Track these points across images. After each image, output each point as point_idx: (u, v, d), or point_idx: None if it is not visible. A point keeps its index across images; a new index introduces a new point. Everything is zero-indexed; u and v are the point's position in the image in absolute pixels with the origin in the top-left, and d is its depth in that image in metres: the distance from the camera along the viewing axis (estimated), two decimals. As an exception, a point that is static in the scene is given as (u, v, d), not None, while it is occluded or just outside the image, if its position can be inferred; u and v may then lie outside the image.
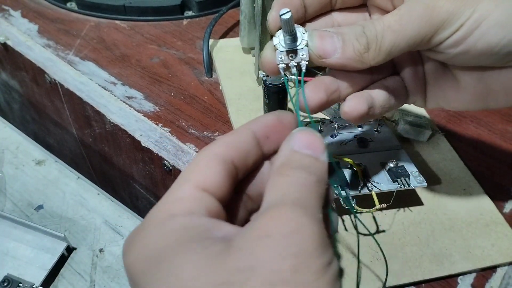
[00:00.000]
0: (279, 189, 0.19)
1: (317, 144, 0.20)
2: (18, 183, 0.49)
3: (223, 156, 0.20)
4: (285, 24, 0.23)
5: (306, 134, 0.20)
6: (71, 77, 0.48)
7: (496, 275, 0.33)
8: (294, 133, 0.21)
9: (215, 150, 0.20)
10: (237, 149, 0.21)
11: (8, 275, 0.40)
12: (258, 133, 0.21)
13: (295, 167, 0.19)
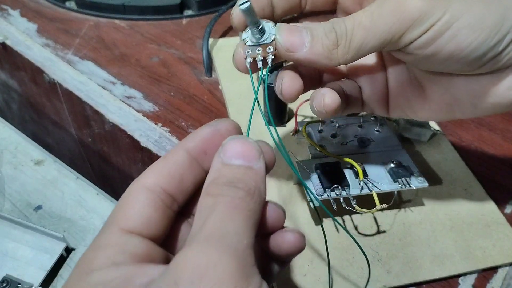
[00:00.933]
0: (200, 217, 0.17)
1: (249, 151, 0.19)
2: (17, 183, 0.49)
3: (152, 187, 0.19)
4: (246, 14, 0.23)
5: (237, 142, 0.19)
6: (70, 76, 0.48)
7: (497, 275, 0.33)
8: (225, 143, 0.20)
9: (144, 182, 0.19)
10: (169, 176, 0.19)
11: (7, 276, 0.39)
12: (194, 151, 0.20)
13: (222, 184, 0.18)
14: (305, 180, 0.33)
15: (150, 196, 0.19)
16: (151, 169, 0.20)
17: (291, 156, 0.38)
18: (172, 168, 0.20)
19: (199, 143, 0.21)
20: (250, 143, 0.19)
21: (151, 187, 0.19)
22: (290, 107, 0.42)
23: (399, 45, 0.23)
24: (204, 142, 0.21)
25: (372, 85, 0.28)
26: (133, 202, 0.19)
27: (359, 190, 0.32)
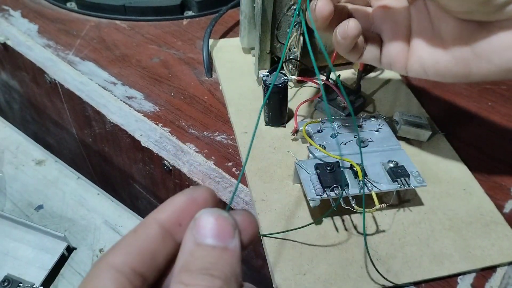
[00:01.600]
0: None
1: (224, 228, 0.18)
2: (18, 183, 0.49)
3: (120, 267, 0.17)
4: None
5: (210, 217, 0.18)
6: (71, 77, 0.48)
7: (496, 275, 0.33)
8: (197, 218, 0.18)
9: (111, 260, 0.17)
10: (139, 253, 0.18)
11: (8, 275, 0.40)
12: (167, 224, 0.18)
13: (196, 272, 0.17)
14: (305, 180, 0.33)
15: (117, 279, 0.17)
16: (120, 246, 0.18)
17: (291, 156, 0.39)
18: (143, 245, 0.18)
19: (173, 215, 0.19)
20: (224, 218, 0.18)
21: (119, 267, 0.17)
22: (290, 107, 0.42)
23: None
24: (179, 213, 0.19)
25: (394, 31, 0.29)
26: (97, 285, 0.17)
27: (358, 190, 0.32)
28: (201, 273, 0.17)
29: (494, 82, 0.49)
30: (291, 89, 0.46)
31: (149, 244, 0.18)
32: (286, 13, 0.41)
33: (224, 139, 0.42)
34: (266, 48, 0.43)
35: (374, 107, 0.44)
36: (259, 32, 0.41)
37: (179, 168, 0.39)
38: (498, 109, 0.46)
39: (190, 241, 0.18)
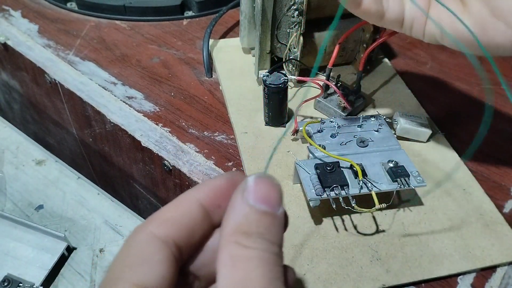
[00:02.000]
0: (237, 271, 0.16)
1: (274, 196, 0.18)
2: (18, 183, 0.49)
3: (165, 238, 0.17)
4: None
5: (263, 183, 0.18)
6: (71, 77, 0.48)
7: (496, 275, 0.33)
8: (249, 182, 0.18)
9: (155, 230, 0.17)
10: (180, 227, 0.18)
11: (8, 275, 0.40)
12: (207, 203, 0.19)
13: (254, 234, 0.17)
14: (305, 180, 0.33)
15: (164, 250, 0.17)
16: (162, 218, 0.18)
17: (291, 156, 0.39)
18: (185, 221, 0.18)
19: (213, 196, 0.19)
20: (275, 186, 0.18)
21: (164, 239, 0.17)
22: (290, 108, 0.42)
23: None
24: (219, 195, 0.19)
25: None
26: (144, 254, 0.17)
27: (358, 189, 0.32)
28: (259, 237, 0.17)
29: (494, 82, 0.49)
30: (291, 89, 0.46)
31: (190, 221, 0.18)
32: (286, 13, 0.41)
33: (224, 139, 0.42)
34: (266, 48, 0.43)
35: (374, 107, 0.44)
36: (259, 32, 0.42)
37: (179, 168, 0.39)
38: (498, 109, 0.46)
39: (242, 204, 0.17)
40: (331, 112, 0.42)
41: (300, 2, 0.39)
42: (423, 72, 0.50)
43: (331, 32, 0.40)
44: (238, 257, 0.16)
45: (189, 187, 0.40)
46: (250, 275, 0.16)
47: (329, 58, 0.39)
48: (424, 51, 0.53)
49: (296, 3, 0.39)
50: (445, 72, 0.50)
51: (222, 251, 0.17)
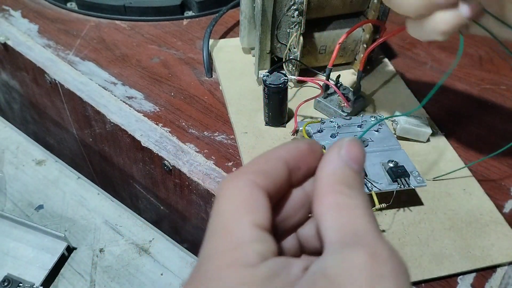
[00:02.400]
0: (343, 216, 0.18)
1: (363, 158, 0.20)
2: (18, 183, 0.49)
3: (266, 188, 0.19)
4: None
5: (357, 146, 0.20)
6: (71, 77, 0.48)
7: (496, 275, 0.33)
8: (346, 142, 0.20)
9: (257, 181, 0.19)
10: (273, 180, 0.19)
11: (8, 275, 0.40)
12: (291, 164, 0.20)
13: (355, 188, 0.18)
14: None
15: (266, 195, 0.19)
16: (257, 169, 0.19)
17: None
18: (275, 174, 0.19)
19: (297, 157, 0.20)
20: (363, 149, 0.20)
21: (265, 187, 0.19)
22: (290, 107, 0.42)
23: None
24: (300, 157, 0.20)
25: None
26: (254, 198, 0.18)
27: (358, 189, 0.32)
28: (359, 192, 0.18)
29: (494, 82, 0.49)
30: (291, 89, 0.46)
31: (278, 177, 0.19)
32: (286, 13, 0.41)
33: (224, 139, 0.42)
34: (266, 48, 0.43)
35: (374, 107, 0.44)
36: (259, 32, 0.42)
37: (179, 168, 0.39)
38: (498, 109, 0.46)
39: (338, 159, 0.19)
40: (331, 112, 0.42)
41: (300, 2, 0.39)
42: (423, 72, 0.50)
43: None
44: (343, 205, 0.18)
45: (189, 187, 0.40)
46: (356, 221, 0.17)
47: (329, 58, 0.39)
48: (424, 51, 0.53)
49: (296, 3, 0.39)
50: (445, 72, 0.51)
51: (324, 197, 0.18)
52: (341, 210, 0.18)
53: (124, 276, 0.45)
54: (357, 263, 0.16)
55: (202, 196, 0.40)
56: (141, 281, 0.47)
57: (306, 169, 0.20)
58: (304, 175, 0.21)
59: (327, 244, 0.17)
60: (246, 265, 0.17)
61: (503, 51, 0.54)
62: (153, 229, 0.53)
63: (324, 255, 0.17)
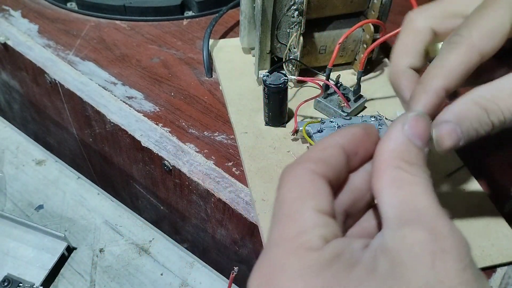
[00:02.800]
0: (403, 192, 0.18)
1: (427, 134, 0.19)
2: (18, 183, 0.49)
3: (326, 176, 0.19)
4: None
5: (421, 121, 0.19)
6: (71, 77, 0.48)
7: (496, 275, 0.33)
8: (411, 116, 0.20)
9: (316, 169, 0.19)
10: (332, 168, 0.20)
11: (8, 275, 0.40)
12: (348, 149, 0.20)
13: (415, 165, 0.18)
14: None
15: (327, 183, 0.19)
16: (317, 158, 0.19)
17: (291, 156, 0.39)
18: (334, 161, 0.20)
19: (353, 143, 0.20)
20: (429, 127, 0.20)
21: (325, 176, 0.19)
22: (290, 107, 0.42)
23: None
24: (357, 143, 0.20)
25: None
26: (316, 186, 0.19)
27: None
28: (420, 168, 0.18)
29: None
30: (291, 89, 0.46)
31: (337, 162, 0.20)
32: (286, 13, 0.41)
33: (224, 139, 0.42)
34: (266, 48, 0.43)
35: (374, 107, 0.44)
36: (259, 32, 0.42)
37: (179, 168, 0.39)
38: None
39: (402, 135, 0.19)
40: (331, 112, 0.42)
41: (300, 2, 0.39)
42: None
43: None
44: (403, 181, 0.18)
45: (189, 187, 0.40)
46: (417, 198, 0.17)
47: (329, 58, 0.39)
48: (424, 51, 0.53)
49: (296, 3, 0.39)
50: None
51: (383, 173, 0.18)
52: (401, 186, 0.18)
53: (124, 276, 0.45)
54: (418, 239, 0.16)
55: (202, 196, 0.40)
56: (141, 281, 0.47)
57: (363, 153, 0.21)
58: (362, 159, 0.21)
59: (386, 220, 0.18)
60: (311, 249, 0.17)
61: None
62: (153, 229, 0.53)
63: (383, 230, 0.18)
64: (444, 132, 0.23)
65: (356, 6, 0.43)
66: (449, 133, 0.23)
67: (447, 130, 0.23)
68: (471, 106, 0.23)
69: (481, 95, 0.23)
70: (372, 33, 0.43)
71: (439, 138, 0.23)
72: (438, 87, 0.23)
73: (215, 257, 0.49)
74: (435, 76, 0.23)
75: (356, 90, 0.42)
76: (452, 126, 0.23)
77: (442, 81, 0.23)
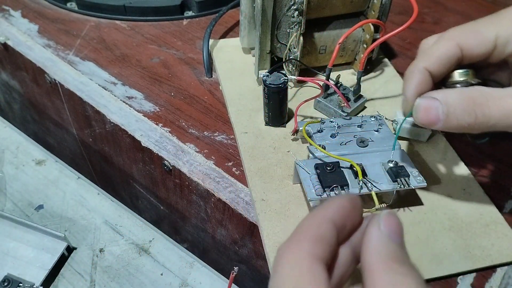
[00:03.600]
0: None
1: (401, 230, 0.20)
2: (18, 183, 0.49)
3: (323, 258, 0.19)
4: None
5: (393, 219, 0.20)
6: (71, 77, 0.48)
7: (496, 275, 0.33)
8: (383, 216, 0.20)
9: (314, 251, 0.19)
10: (328, 247, 0.20)
11: (8, 275, 0.40)
12: (338, 224, 0.20)
13: (405, 263, 0.19)
14: (305, 180, 0.33)
15: (325, 267, 0.19)
16: (312, 238, 0.19)
17: (291, 156, 0.39)
18: (327, 238, 0.20)
19: (342, 216, 0.21)
20: (400, 221, 0.20)
21: (322, 258, 0.19)
22: (290, 107, 0.42)
23: None
24: (346, 216, 0.21)
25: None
26: (313, 274, 0.18)
27: (358, 189, 0.32)
28: (410, 265, 0.19)
29: (494, 82, 0.49)
30: (291, 89, 0.46)
31: (330, 239, 0.20)
32: (286, 13, 0.41)
33: (224, 139, 0.42)
34: (266, 48, 0.43)
35: (374, 107, 0.44)
36: (259, 32, 0.42)
37: (179, 168, 0.39)
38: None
39: (381, 235, 0.19)
40: (331, 112, 0.42)
41: (300, 2, 0.39)
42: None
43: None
44: (399, 283, 0.18)
45: (189, 187, 0.40)
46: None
47: (329, 58, 0.39)
48: (424, 51, 0.53)
49: (296, 3, 0.39)
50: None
51: (377, 277, 0.18)
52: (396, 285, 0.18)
53: (124, 276, 0.45)
54: None
55: (202, 196, 0.40)
56: (141, 281, 0.47)
57: (350, 226, 0.21)
58: (349, 233, 0.21)
59: None
60: None
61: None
62: (153, 229, 0.53)
63: None
64: (423, 105, 0.26)
65: (356, 6, 0.43)
66: (428, 107, 0.26)
67: (427, 103, 0.26)
68: (461, 94, 0.26)
69: (475, 89, 0.26)
70: (372, 33, 0.43)
71: (416, 108, 0.26)
72: (421, 67, 0.28)
73: (215, 257, 0.49)
74: (419, 60, 0.28)
75: (356, 90, 0.42)
76: (434, 102, 0.26)
77: (423, 62, 0.28)
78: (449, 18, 0.59)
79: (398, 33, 0.35)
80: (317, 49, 0.45)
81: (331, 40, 0.44)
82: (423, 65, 0.28)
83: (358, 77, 0.41)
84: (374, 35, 0.43)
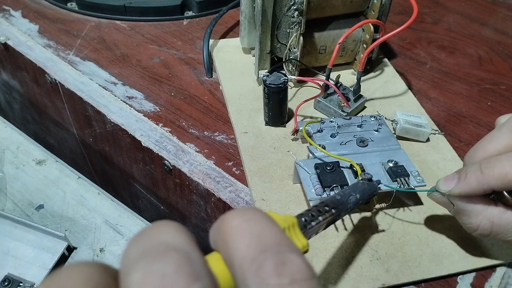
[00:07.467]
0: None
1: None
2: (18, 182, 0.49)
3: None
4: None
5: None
6: (72, 77, 0.48)
7: (496, 274, 0.33)
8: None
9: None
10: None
11: (8, 275, 0.40)
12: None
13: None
14: (305, 180, 0.33)
15: None
16: None
17: (291, 156, 0.39)
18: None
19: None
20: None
21: None
22: (290, 107, 0.42)
23: None
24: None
25: None
26: None
27: (358, 189, 0.32)
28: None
29: (493, 82, 0.50)
30: (291, 89, 0.46)
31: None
32: (286, 13, 0.41)
33: (224, 139, 0.42)
34: (266, 48, 0.43)
35: (374, 107, 0.44)
36: (259, 32, 0.42)
37: (179, 168, 0.40)
38: (498, 109, 0.46)
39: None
40: (331, 112, 0.42)
41: (300, 2, 0.39)
42: (423, 72, 0.50)
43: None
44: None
45: (189, 187, 0.40)
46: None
47: (329, 58, 0.39)
48: (423, 51, 0.53)
49: (296, 3, 0.39)
50: (445, 72, 0.51)
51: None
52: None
53: (124, 276, 0.45)
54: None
55: (202, 196, 0.40)
56: (141, 280, 0.47)
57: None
58: None
59: None
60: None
61: (502, 51, 0.54)
62: (153, 229, 0.53)
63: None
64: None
65: (356, 6, 0.43)
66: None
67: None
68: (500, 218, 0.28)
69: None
70: (372, 33, 0.43)
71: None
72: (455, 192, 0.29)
73: (215, 257, 0.49)
74: (485, 175, 0.28)
75: (356, 90, 0.42)
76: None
77: (458, 190, 0.29)
78: (449, 18, 0.59)
79: (398, 33, 0.35)
80: (317, 49, 0.45)
81: (331, 40, 0.44)
82: (488, 182, 0.27)
83: (358, 77, 0.41)
84: (374, 35, 0.43)
